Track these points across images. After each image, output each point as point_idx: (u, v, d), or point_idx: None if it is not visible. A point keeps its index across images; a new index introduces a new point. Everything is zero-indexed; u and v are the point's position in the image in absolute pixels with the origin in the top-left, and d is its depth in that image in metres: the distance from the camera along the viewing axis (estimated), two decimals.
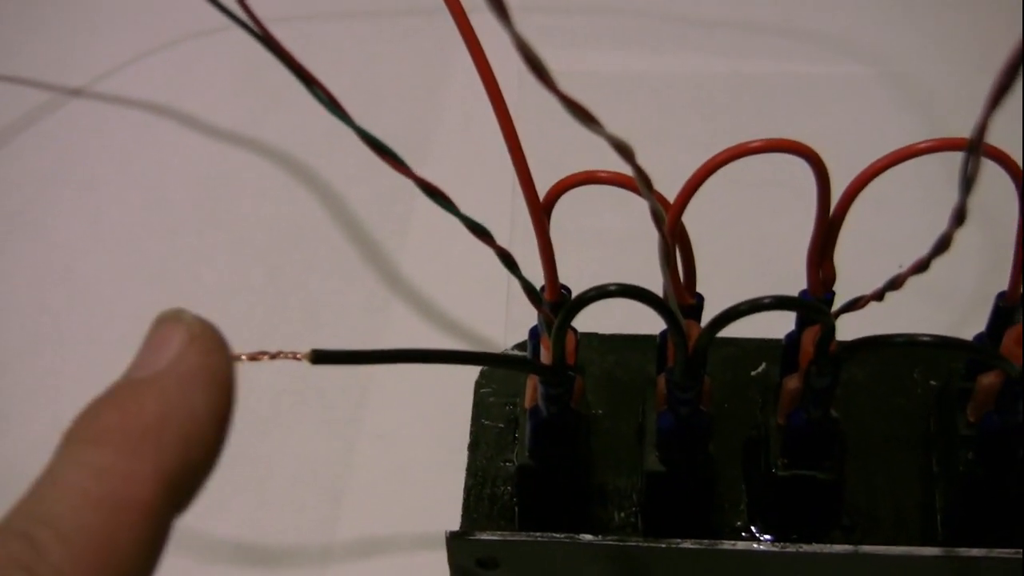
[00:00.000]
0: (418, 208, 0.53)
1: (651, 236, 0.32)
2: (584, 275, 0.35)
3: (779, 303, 0.31)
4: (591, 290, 0.31)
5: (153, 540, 0.21)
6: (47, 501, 0.21)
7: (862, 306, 0.34)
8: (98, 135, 0.58)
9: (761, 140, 0.32)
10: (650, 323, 0.39)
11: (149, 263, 0.52)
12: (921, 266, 0.31)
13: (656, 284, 0.33)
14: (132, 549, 0.21)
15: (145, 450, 0.21)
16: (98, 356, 0.48)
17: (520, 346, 0.43)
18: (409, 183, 0.30)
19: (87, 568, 0.20)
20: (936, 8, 0.64)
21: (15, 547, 0.20)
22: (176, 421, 0.22)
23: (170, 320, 0.24)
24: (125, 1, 0.66)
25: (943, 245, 0.29)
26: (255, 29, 0.27)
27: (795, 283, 0.36)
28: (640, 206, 0.32)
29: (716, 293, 0.36)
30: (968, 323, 0.39)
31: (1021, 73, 0.23)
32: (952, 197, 0.28)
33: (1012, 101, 0.25)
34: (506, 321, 0.48)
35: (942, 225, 0.30)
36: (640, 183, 0.29)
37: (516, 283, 0.33)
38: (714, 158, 0.32)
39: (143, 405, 0.22)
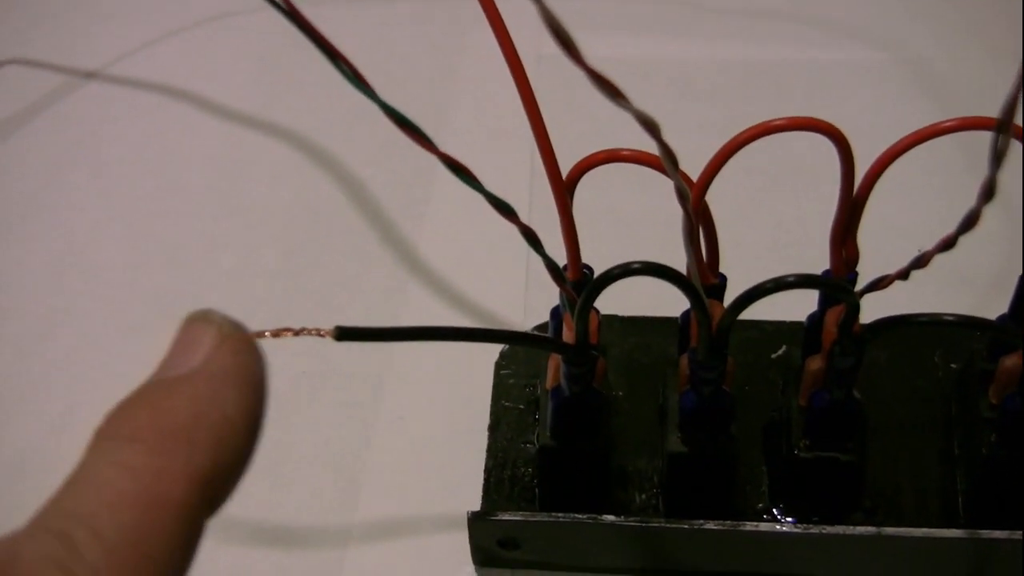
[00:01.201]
0: (435, 190, 0.53)
1: (670, 217, 0.32)
2: (604, 255, 0.34)
3: (804, 281, 0.31)
4: (615, 268, 0.31)
5: (187, 539, 0.21)
6: (82, 499, 0.21)
7: (887, 285, 0.34)
8: (113, 119, 0.58)
9: (785, 118, 0.32)
10: (670, 306, 0.39)
11: (164, 247, 0.52)
12: (948, 243, 0.31)
13: (678, 262, 0.33)
14: (166, 547, 0.21)
15: (178, 449, 0.22)
16: (113, 340, 0.48)
17: (540, 327, 0.42)
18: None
19: (123, 566, 0.20)
20: None
21: (51, 545, 0.20)
22: (208, 421, 0.22)
23: (200, 320, 0.24)
24: None
25: (971, 221, 0.29)
26: (281, 3, 0.27)
27: (815, 266, 0.36)
28: (659, 187, 0.32)
29: (737, 274, 0.36)
30: (990, 306, 0.38)
31: None
32: (971, 182, 0.28)
33: None
34: (525, 303, 0.48)
35: (961, 209, 0.30)
36: (666, 160, 0.28)
37: (534, 265, 0.33)
38: (739, 136, 0.32)
39: (176, 404, 0.22)
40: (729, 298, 0.33)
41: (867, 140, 0.33)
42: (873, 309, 0.34)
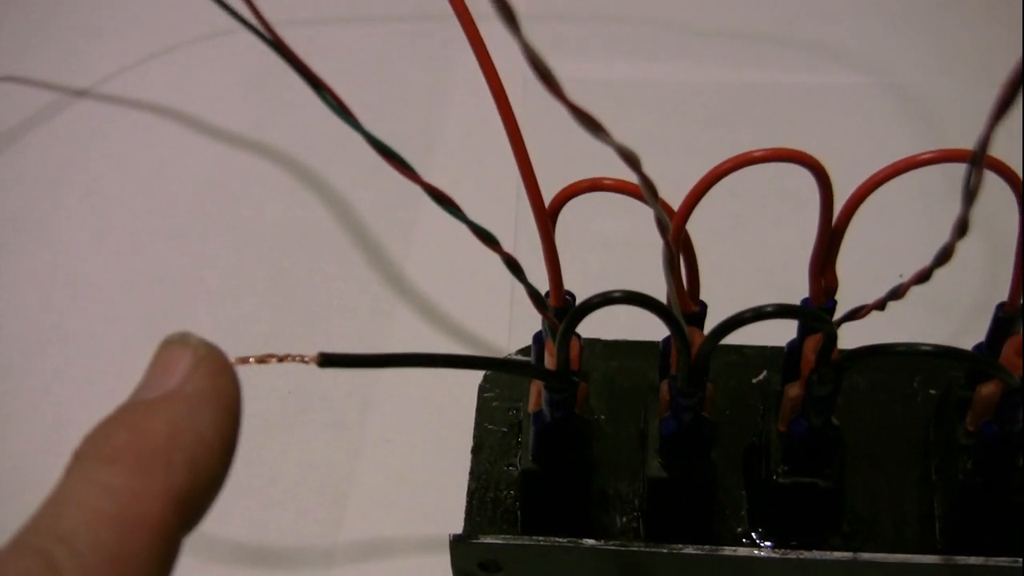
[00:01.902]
0: (423, 212, 0.53)
1: (654, 241, 0.33)
2: (587, 280, 0.35)
3: (782, 311, 0.31)
4: (596, 296, 0.31)
5: (164, 557, 0.22)
6: (60, 518, 0.21)
7: (864, 315, 0.34)
8: (104, 137, 0.59)
9: (765, 149, 0.32)
10: (652, 329, 0.39)
11: (153, 265, 0.52)
12: (923, 276, 0.31)
13: (659, 288, 0.34)
14: (144, 566, 0.21)
15: (155, 470, 0.22)
16: (102, 358, 0.48)
17: (524, 351, 0.43)
18: (414, 187, 0.30)
19: None
20: (936, 19, 0.65)
21: (31, 563, 0.20)
22: (185, 441, 0.23)
23: (176, 343, 0.25)
24: (132, 3, 0.66)
25: (945, 256, 0.29)
26: (264, 33, 0.27)
27: (796, 292, 0.36)
28: (643, 212, 0.33)
29: (718, 301, 0.36)
30: (968, 333, 0.39)
31: (1022, 89, 0.23)
32: (952, 207, 0.28)
33: (1013, 115, 0.25)
34: (510, 326, 0.48)
35: (942, 235, 0.30)
36: (646, 191, 0.29)
37: (520, 288, 0.33)
38: (718, 167, 0.32)
39: (153, 425, 0.23)
40: (710, 325, 0.33)
41: (850, 164, 0.34)
42: (851, 335, 0.34)
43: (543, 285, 0.34)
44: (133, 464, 0.22)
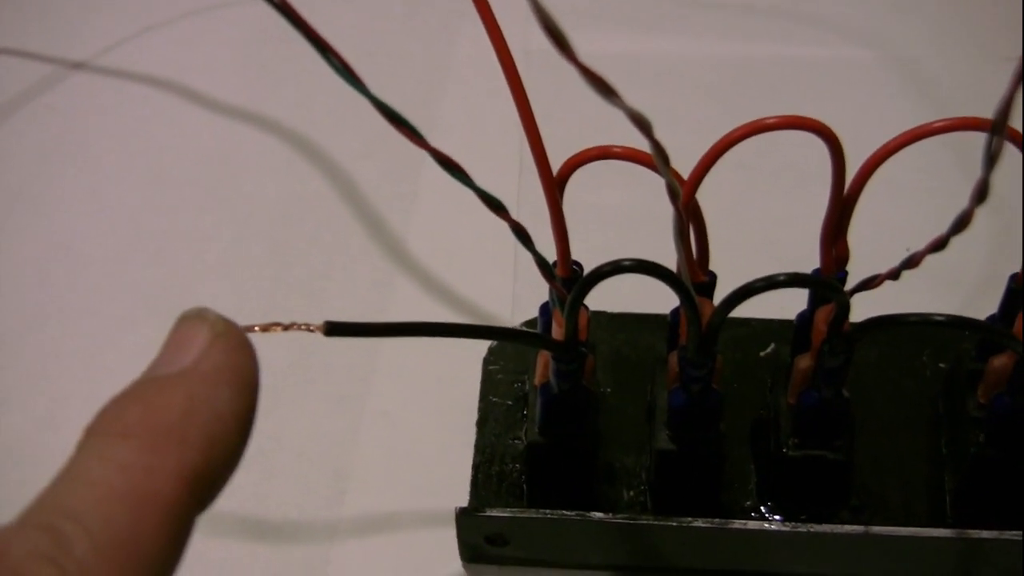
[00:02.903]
0: (423, 185, 0.53)
1: (659, 214, 0.32)
2: (593, 252, 0.34)
3: (794, 280, 0.31)
4: (606, 265, 0.31)
5: (176, 536, 0.21)
6: (71, 495, 0.21)
7: (877, 284, 0.34)
8: (100, 110, 0.58)
9: (778, 117, 0.31)
10: (659, 302, 0.39)
11: (151, 239, 0.51)
12: (939, 244, 0.31)
13: (666, 261, 0.33)
14: (156, 544, 0.21)
15: (169, 447, 0.22)
16: (100, 333, 0.48)
17: (529, 323, 0.42)
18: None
19: (112, 562, 0.20)
20: None
21: (40, 540, 0.20)
22: (200, 419, 0.22)
23: (194, 318, 0.24)
24: None
25: (963, 222, 0.29)
26: None
27: (805, 264, 0.36)
28: (648, 184, 0.32)
29: (727, 272, 0.36)
30: (978, 306, 0.38)
31: None
32: (959, 183, 0.28)
33: None
34: (513, 298, 0.48)
35: (949, 208, 0.30)
36: (657, 158, 0.28)
37: (523, 260, 0.33)
38: (730, 134, 0.32)
39: (168, 402, 0.22)
40: (719, 296, 0.32)
41: (858, 137, 0.33)
42: (863, 308, 0.34)
43: (548, 256, 0.34)
44: (147, 440, 0.22)
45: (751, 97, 0.58)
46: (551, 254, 0.34)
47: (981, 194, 0.27)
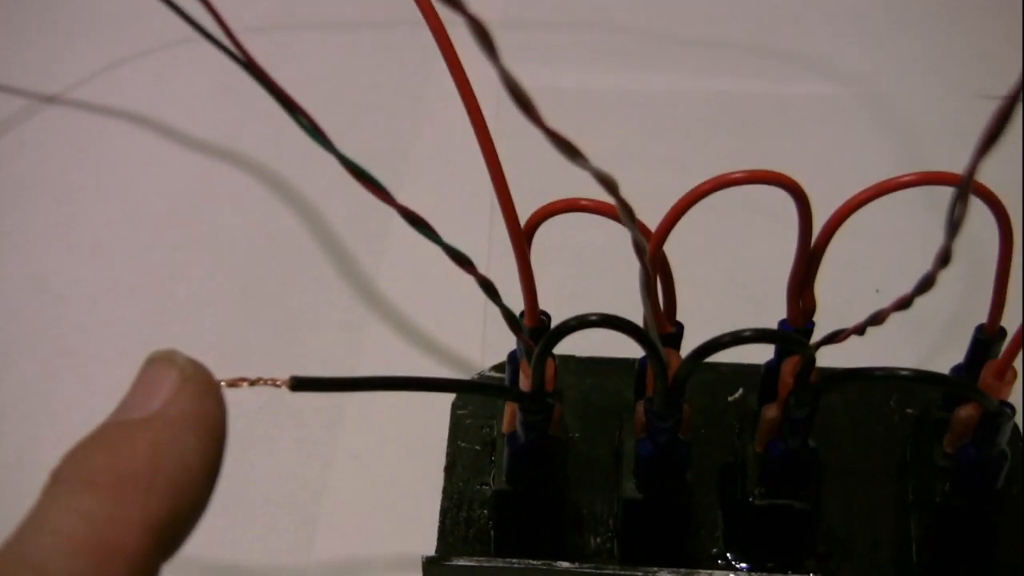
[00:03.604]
0: (396, 224, 0.52)
1: (630, 254, 0.32)
2: (562, 295, 0.34)
3: (760, 336, 0.31)
4: (571, 320, 0.31)
5: None
6: (34, 544, 0.21)
7: (843, 339, 0.34)
8: (73, 144, 0.58)
9: (743, 171, 0.32)
10: (628, 346, 0.39)
11: (123, 275, 0.51)
12: (904, 303, 0.31)
13: (635, 302, 0.33)
14: None
15: (134, 496, 0.21)
16: (71, 369, 0.47)
17: (498, 367, 0.42)
18: None
19: None
20: (913, 29, 0.65)
21: None
22: (166, 467, 0.22)
23: (162, 361, 0.24)
24: (102, 8, 0.66)
25: (926, 284, 0.29)
26: (239, 56, 0.27)
27: (774, 307, 0.36)
28: (619, 229, 0.32)
29: (695, 316, 0.36)
30: (946, 351, 0.38)
31: (1009, 121, 0.23)
32: (932, 225, 0.28)
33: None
34: (483, 340, 0.48)
35: (921, 252, 0.30)
36: (623, 214, 0.28)
37: (493, 305, 0.33)
38: (696, 189, 0.32)
39: (133, 449, 0.22)
40: (687, 344, 0.33)
41: (828, 175, 0.33)
42: (830, 355, 0.34)
43: (517, 297, 0.34)
44: (111, 489, 0.21)
45: (724, 133, 0.58)
46: (521, 301, 0.34)
47: (944, 259, 0.27)
